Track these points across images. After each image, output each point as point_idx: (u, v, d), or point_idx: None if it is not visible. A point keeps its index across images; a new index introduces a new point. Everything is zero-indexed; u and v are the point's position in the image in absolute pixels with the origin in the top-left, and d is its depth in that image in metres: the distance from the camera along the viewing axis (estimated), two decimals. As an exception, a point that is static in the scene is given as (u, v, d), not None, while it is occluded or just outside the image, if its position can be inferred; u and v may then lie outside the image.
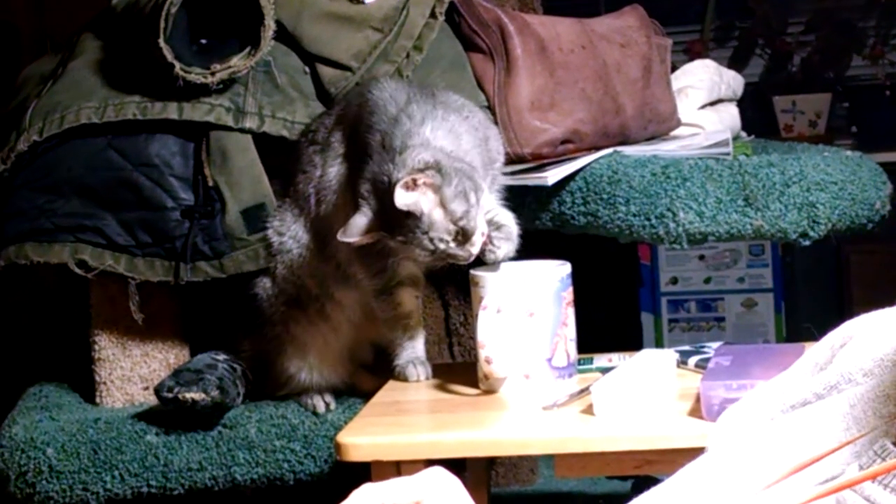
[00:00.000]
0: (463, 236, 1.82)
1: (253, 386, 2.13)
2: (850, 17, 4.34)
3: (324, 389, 2.10)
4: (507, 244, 1.90)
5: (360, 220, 1.85)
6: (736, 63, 4.29)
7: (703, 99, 2.56)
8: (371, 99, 1.95)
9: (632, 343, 2.36)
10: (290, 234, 2.07)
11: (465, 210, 1.80)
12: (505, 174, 2.06)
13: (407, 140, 1.84)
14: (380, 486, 0.91)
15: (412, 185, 1.79)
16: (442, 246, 1.82)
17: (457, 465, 1.85)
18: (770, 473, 0.92)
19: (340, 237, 1.85)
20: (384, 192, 1.81)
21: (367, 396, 1.98)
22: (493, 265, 1.90)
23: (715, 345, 1.98)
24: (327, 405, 2.08)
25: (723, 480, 0.96)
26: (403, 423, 1.82)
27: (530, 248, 1.97)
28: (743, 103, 2.76)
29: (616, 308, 3.56)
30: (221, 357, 2.11)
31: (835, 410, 0.92)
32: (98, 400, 2.20)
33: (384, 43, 2.16)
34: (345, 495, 0.93)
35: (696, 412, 1.70)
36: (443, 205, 1.80)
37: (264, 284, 2.11)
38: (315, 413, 2.07)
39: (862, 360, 0.93)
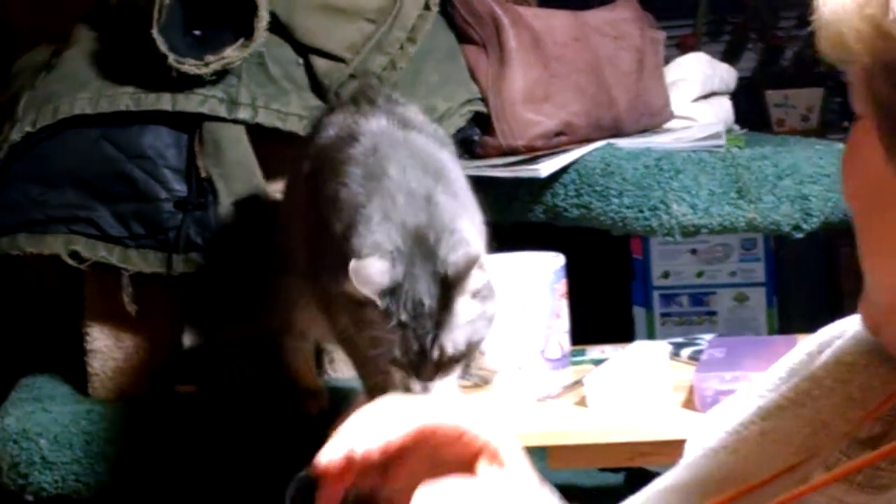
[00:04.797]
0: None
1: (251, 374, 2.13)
2: (843, 11, 4.34)
3: None
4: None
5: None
6: (728, 57, 4.27)
7: (696, 92, 2.56)
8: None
9: (624, 336, 2.36)
10: None
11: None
12: (498, 166, 2.06)
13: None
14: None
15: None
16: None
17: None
18: (733, 483, 0.92)
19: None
20: None
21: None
22: None
23: (707, 337, 1.98)
24: (321, 408, 2.06)
25: (691, 488, 0.96)
26: (397, 414, 1.81)
27: (523, 240, 1.97)
28: (735, 98, 2.77)
29: (609, 300, 3.55)
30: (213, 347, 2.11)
31: (806, 417, 0.92)
32: (91, 391, 2.20)
33: (378, 34, 2.16)
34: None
35: (689, 404, 1.70)
36: None
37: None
38: (308, 414, 2.05)
39: (835, 366, 0.93)
